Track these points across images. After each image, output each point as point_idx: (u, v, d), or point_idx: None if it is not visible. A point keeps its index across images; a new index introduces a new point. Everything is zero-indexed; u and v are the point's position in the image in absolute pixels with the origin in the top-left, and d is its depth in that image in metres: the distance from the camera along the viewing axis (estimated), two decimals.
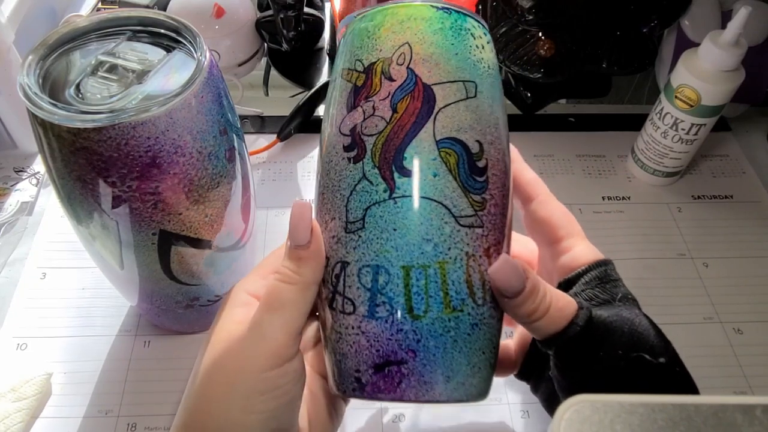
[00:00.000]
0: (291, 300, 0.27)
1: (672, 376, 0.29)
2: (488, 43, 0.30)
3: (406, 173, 0.27)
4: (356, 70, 0.29)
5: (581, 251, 0.32)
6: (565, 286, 0.31)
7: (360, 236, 0.27)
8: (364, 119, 0.28)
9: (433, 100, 0.28)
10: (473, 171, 0.27)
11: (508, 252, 0.29)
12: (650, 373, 0.28)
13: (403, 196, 0.27)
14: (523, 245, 0.36)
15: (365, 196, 0.27)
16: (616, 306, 0.30)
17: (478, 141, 0.28)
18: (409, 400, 0.26)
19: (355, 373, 0.27)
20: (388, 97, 0.28)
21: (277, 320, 0.27)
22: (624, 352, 0.28)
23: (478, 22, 0.30)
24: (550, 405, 0.33)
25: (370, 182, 0.27)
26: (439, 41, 0.28)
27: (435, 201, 0.27)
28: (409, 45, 0.28)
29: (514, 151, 0.34)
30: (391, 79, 0.28)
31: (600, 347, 0.29)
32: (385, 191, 0.27)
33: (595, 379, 0.29)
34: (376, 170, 0.27)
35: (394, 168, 0.27)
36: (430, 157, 0.27)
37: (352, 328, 0.27)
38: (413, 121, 0.27)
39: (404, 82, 0.28)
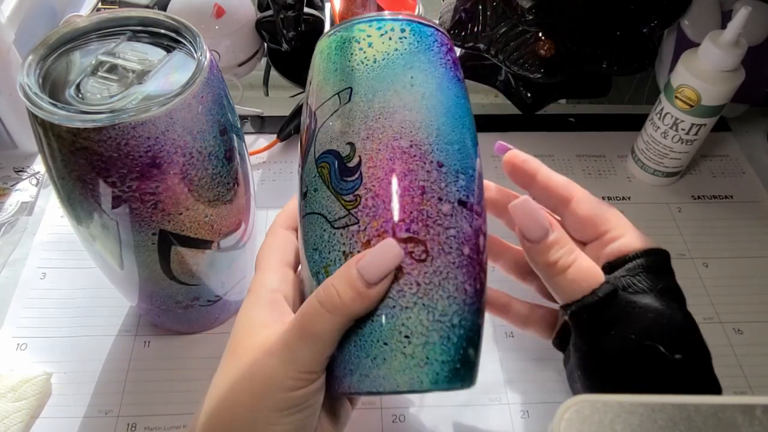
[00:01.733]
0: (328, 331, 0.27)
1: (687, 374, 0.28)
2: (382, 35, 0.30)
3: (303, 196, 0.31)
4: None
5: (630, 239, 0.31)
6: (608, 270, 0.31)
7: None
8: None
9: (314, 124, 0.31)
10: (343, 174, 0.29)
11: (477, 206, 0.29)
12: (661, 365, 0.28)
13: (303, 216, 0.31)
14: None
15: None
16: (651, 296, 0.29)
17: (349, 143, 0.29)
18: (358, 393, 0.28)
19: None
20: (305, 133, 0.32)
21: (309, 348, 0.27)
22: (637, 337, 0.28)
23: (373, 21, 0.31)
24: (571, 382, 0.33)
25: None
26: (323, 67, 0.32)
27: (316, 213, 0.29)
28: (310, 81, 0.33)
29: (534, 160, 0.34)
30: (310, 117, 0.32)
31: (613, 326, 0.29)
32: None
33: (602, 357, 0.29)
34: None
35: (301, 194, 0.31)
36: (312, 175, 0.30)
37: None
38: (304, 151, 0.31)
39: (306, 117, 0.32)
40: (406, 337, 0.27)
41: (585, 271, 0.29)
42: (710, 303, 0.48)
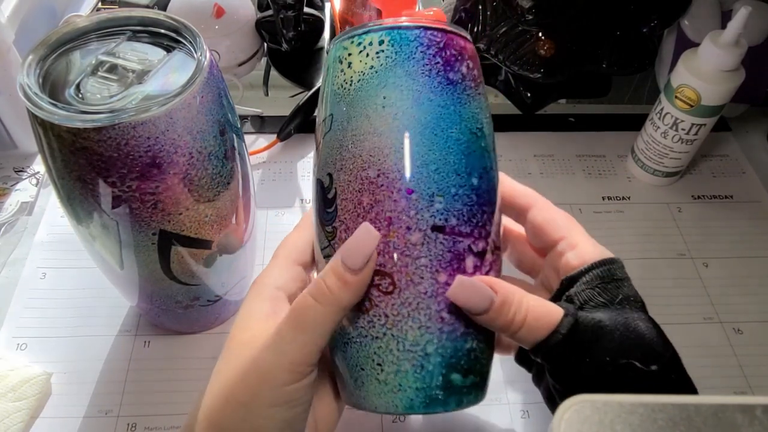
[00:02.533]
0: (319, 322, 0.27)
1: (665, 383, 0.28)
2: (360, 52, 0.29)
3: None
4: None
5: (584, 249, 0.31)
6: (568, 284, 0.31)
7: None
8: None
9: (317, 147, 0.31)
10: (325, 204, 0.29)
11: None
12: (640, 380, 0.28)
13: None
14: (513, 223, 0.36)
15: None
16: (614, 308, 0.30)
17: (329, 174, 0.29)
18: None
19: None
20: None
21: (300, 339, 0.27)
22: (612, 359, 0.28)
23: (354, 35, 0.29)
24: (551, 402, 0.33)
25: None
26: (321, 87, 0.31)
27: (315, 233, 0.31)
28: None
29: (500, 173, 0.34)
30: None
31: (586, 354, 0.28)
32: None
33: (584, 385, 0.29)
34: None
35: None
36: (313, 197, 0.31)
37: None
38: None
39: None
40: (379, 365, 0.28)
41: (541, 315, 0.29)
42: (710, 303, 0.48)
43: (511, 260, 0.37)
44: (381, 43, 0.28)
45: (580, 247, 0.32)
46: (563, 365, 0.29)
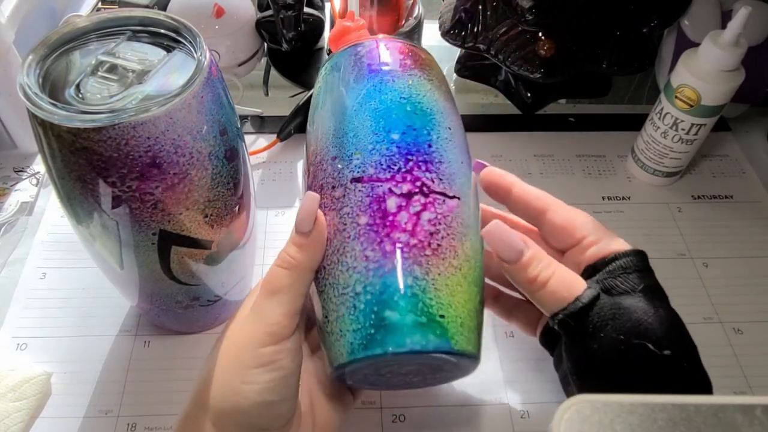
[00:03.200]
0: (287, 285, 0.30)
1: (677, 369, 0.29)
2: (321, 75, 0.38)
3: None
4: None
5: (607, 243, 0.32)
6: (590, 272, 0.32)
7: None
8: None
9: None
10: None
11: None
12: (652, 362, 0.29)
13: None
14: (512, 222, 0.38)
15: None
16: (635, 296, 0.30)
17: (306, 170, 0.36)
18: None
19: None
20: None
21: (273, 302, 0.30)
22: (626, 337, 0.29)
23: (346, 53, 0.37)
24: (566, 385, 0.34)
25: None
26: None
27: None
28: None
29: (510, 175, 0.35)
30: None
31: (603, 328, 0.29)
32: None
33: (595, 360, 0.30)
34: None
35: None
36: None
37: None
38: None
39: None
40: (326, 317, 0.30)
41: (566, 280, 0.30)
42: (710, 303, 0.48)
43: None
44: (327, 67, 0.37)
45: (604, 241, 0.32)
46: (578, 337, 0.30)
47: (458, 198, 0.31)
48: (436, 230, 0.29)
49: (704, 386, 0.30)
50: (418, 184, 0.30)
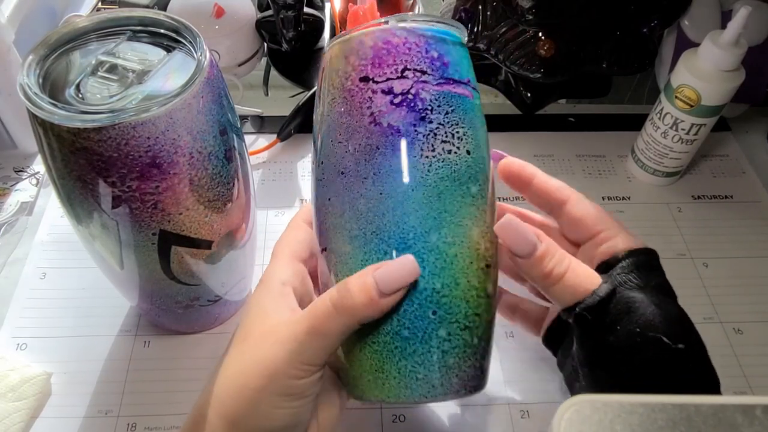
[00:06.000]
0: (336, 332, 0.28)
1: (690, 362, 0.30)
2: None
3: None
4: None
5: (622, 240, 0.33)
6: (604, 268, 0.32)
7: None
8: None
9: None
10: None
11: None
12: (667, 355, 0.29)
13: None
14: (528, 216, 0.38)
15: None
16: (647, 292, 0.31)
17: None
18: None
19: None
20: None
21: (316, 344, 0.28)
22: (642, 330, 0.29)
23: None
24: (571, 386, 0.34)
25: None
26: None
27: None
28: None
29: (530, 166, 0.36)
30: None
31: (619, 321, 0.30)
32: None
33: (611, 353, 0.30)
34: None
35: None
36: None
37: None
38: None
39: None
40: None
41: (581, 275, 0.31)
42: (710, 303, 0.48)
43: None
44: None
45: (619, 238, 0.33)
46: (594, 330, 0.30)
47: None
48: None
49: (713, 384, 0.30)
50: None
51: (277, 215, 0.53)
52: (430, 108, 0.30)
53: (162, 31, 0.34)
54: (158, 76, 0.32)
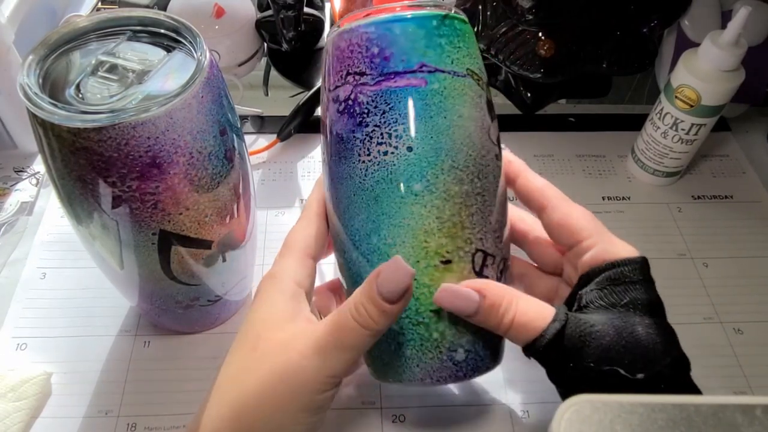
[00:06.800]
0: (360, 344, 0.29)
1: (653, 390, 0.28)
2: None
3: None
4: (483, 80, 0.32)
5: (605, 248, 0.32)
6: (585, 281, 0.32)
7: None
8: (498, 133, 0.33)
9: None
10: None
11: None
12: (624, 387, 0.28)
13: None
14: (519, 218, 0.37)
15: (506, 201, 0.34)
16: (616, 311, 0.30)
17: None
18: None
19: (501, 346, 0.34)
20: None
21: (341, 357, 0.29)
22: (595, 364, 0.29)
23: None
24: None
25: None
26: None
27: None
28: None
29: (519, 162, 0.35)
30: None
31: (571, 359, 0.29)
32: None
33: (574, 384, 0.30)
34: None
35: None
36: None
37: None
38: None
39: None
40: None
41: (530, 316, 0.30)
42: (710, 303, 0.48)
43: (534, 260, 0.37)
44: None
45: (600, 247, 0.32)
46: (551, 365, 0.30)
47: None
48: None
49: None
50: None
51: (277, 215, 0.53)
52: (366, 111, 0.30)
53: (162, 31, 0.34)
54: (158, 76, 0.32)
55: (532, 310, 0.30)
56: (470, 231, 0.31)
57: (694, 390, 0.30)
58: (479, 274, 0.31)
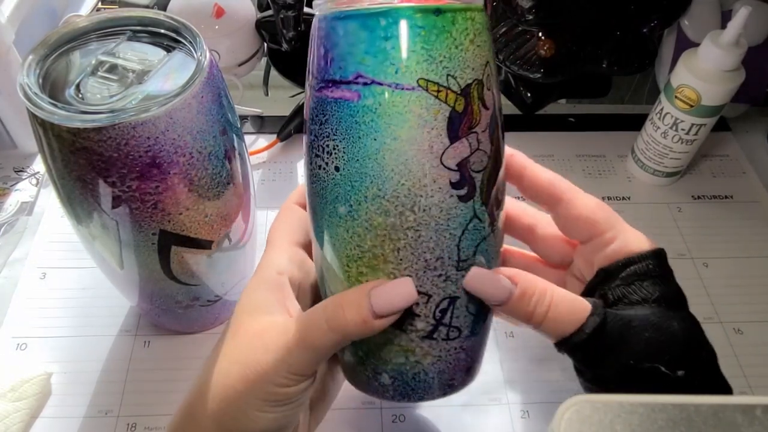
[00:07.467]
0: (329, 347, 0.28)
1: (692, 386, 0.28)
2: None
3: (500, 206, 0.29)
4: (452, 90, 0.25)
5: (625, 241, 0.30)
6: (604, 277, 0.30)
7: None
8: (471, 154, 0.26)
9: (501, 123, 0.28)
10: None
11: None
12: (664, 384, 0.27)
13: (497, 228, 0.29)
14: (522, 210, 0.35)
15: (476, 234, 0.28)
16: (649, 307, 0.29)
17: None
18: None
19: (449, 382, 0.30)
20: (486, 128, 0.27)
21: (305, 356, 0.28)
22: (636, 362, 0.28)
23: None
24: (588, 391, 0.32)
25: (480, 220, 0.27)
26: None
27: None
28: (489, 64, 0.27)
29: (522, 156, 0.32)
30: (485, 107, 0.26)
31: (610, 355, 0.28)
32: (489, 226, 0.28)
33: (604, 384, 0.29)
34: (484, 208, 0.27)
35: (493, 203, 0.28)
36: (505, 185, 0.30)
37: (454, 349, 0.29)
38: (502, 153, 0.29)
39: (493, 109, 0.27)
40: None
41: (566, 309, 0.28)
42: (710, 303, 0.48)
43: (538, 254, 0.35)
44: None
45: (620, 240, 0.30)
46: (586, 364, 0.29)
47: None
48: None
49: (722, 393, 0.29)
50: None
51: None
52: (310, 118, 0.27)
53: (162, 31, 0.34)
54: (158, 76, 0.32)
55: (568, 302, 0.28)
56: (394, 266, 0.27)
57: (725, 383, 0.29)
58: (406, 312, 0.28)
